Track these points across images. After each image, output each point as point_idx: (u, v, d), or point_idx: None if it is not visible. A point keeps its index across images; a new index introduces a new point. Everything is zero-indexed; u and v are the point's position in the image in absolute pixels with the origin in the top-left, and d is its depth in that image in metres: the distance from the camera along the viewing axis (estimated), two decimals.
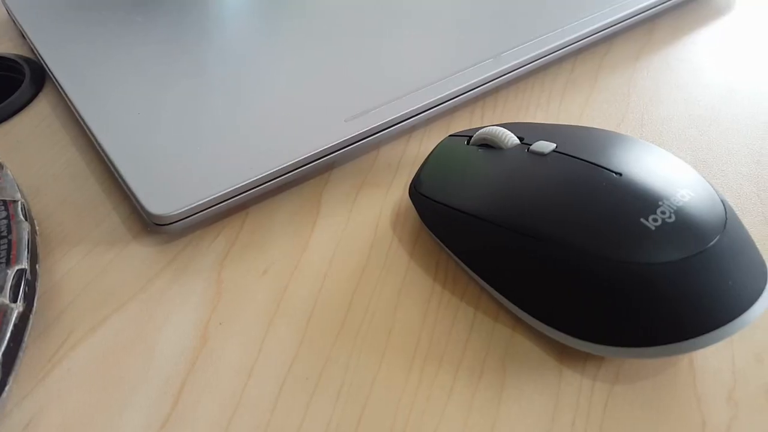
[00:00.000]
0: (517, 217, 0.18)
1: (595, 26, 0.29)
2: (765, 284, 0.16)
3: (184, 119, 0.24)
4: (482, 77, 0.26)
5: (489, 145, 0.21)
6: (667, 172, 0.18)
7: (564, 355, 0.18)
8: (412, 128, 0.26)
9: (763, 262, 0.17)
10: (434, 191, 0.21)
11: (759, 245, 0.21)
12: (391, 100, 0.25)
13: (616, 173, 0.18)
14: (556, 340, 0.18)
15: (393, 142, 0.26)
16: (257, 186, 0.22)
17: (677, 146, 0.25)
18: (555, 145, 0.19)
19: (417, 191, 0.21)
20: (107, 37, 0.29)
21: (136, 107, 0.25)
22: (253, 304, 0.19)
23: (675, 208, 0.16)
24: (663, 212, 0.16)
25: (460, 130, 0.25)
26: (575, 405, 0.17)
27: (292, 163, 0.22)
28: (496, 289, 0.19)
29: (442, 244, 0.21)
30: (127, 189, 0.22)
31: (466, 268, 0.20)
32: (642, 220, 0.16)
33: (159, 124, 0.24)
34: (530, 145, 0.20)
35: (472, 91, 0.26)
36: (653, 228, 0.16)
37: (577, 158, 0.18)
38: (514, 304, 0.18)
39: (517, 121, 0.27)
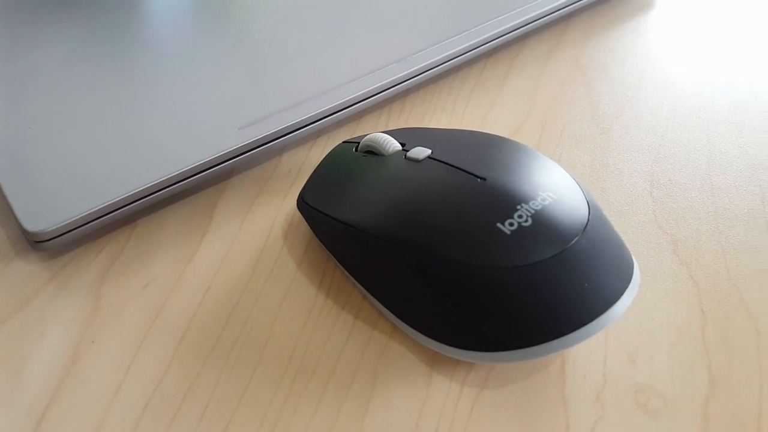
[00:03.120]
0: (388, 226, 0.18)
1: (505, 27, 0.29)
2: (627, 284, 0.16)
3: (74, 130, 0.23)
4: (386, 81, 0.26)
5: (373, 151, 0.21)
6: (533, 175, 0.18)
7: (436, 361, 0.18)
8: (318, 132, 0.26)
9: (630, 263, 0.17)
10: (318, 200, 0.20)
11: (644, 243, 0.21)
12: (291, 106, 0.24)
13: (480, 178, 0.17)
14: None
15: (297, 148, 0.25)
16: (143, 197, 0.21)
17: (575, 146, 0.25)
18: (430, 151, 0.19)
19: (303, 200, 0.21)
20: (8, 44, 0.28)
21: (28, 120, 0.24)
22: (129, 320, 0.19)
23: (533, 211, 0.16)
24: (520, 216, 0.16)
25: (359, 135, 0.24)
26: (441, 411, 0.17)
27: (179, 173, 0.22)
28: (374, 296, 0.19)
29: (329, 253, 0.20)
30: (7, 205, 0.21)
31: (349, 276, 0.20)
32: (498, 224, 0.16)
33: (49, 137, 0.23)
34: (408, 151, 0.20)
35: (376, 96, 0.26)
36: (509, 232, 0.16)
37: (447, 164, 0.18)
38: (389, 310, 0.18)
39: (420, 125, 0.26)
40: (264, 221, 0.22)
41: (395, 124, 0.27)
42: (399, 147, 0.20)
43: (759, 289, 0.20)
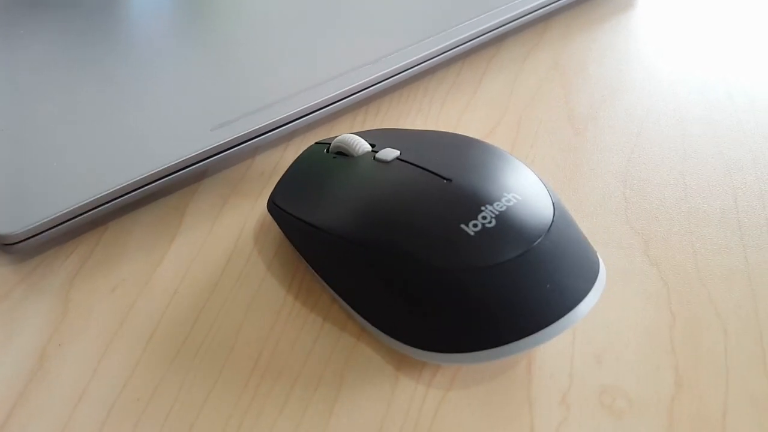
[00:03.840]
0: (355, 228, 0.18)
1: (483, 27, 0.29)
2: (592, 285, 0.16)
3: (45, 133, 0.23)
4: (361, 82, 0.26)
5: (344, 153, 0.21)
6: (500, 176, 0.18)
7: (403, 363, 0.18)
8: (293, 133, 0.26)
9: (596, 263, 0.17)
10: (288, 202, 0.20)
11: (615, 244, 0.21)
12: (264, 107, 0.24)
13: (446, 179, 0.17)
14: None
15: (271, 149, 0.25)
16: (113, 200, 0.21)
17: (550, 146, 0.25)
18: (399, 152, 0.19)
19: (273, 202, 0.21)
20: None
21: (0, 123, 0.24)
22: (97, 323, 0.19)
23: (497, 212, 0.16)
24: (484, 217, 0.16)
25: (332, 136, 0.24)
26: (405, 413, 0.17)
27: (149, 175, 0.21)
28: (342, 298, 0.19)
29: (299, 255, 0.20)
30: None
31: (319, 278, 0.19)
32: (462, 226, 0.16)
33: (20, 139, 0.23)
34: (377, 152, 0.20)
35: (352, 97, 0.26)
36: (472, 234, 0.16)
37: (415, 165, 0.18)
38: (357, 312, 0.18)
39: (396, 126, 0.26)
40: (235, 223, 0.22)
41: (371, 125, 0.27)
42: (369, 148, 0.20)
43: (728, 289, 0.20)
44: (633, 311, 0.19)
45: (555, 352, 0.18)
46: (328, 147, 0.22)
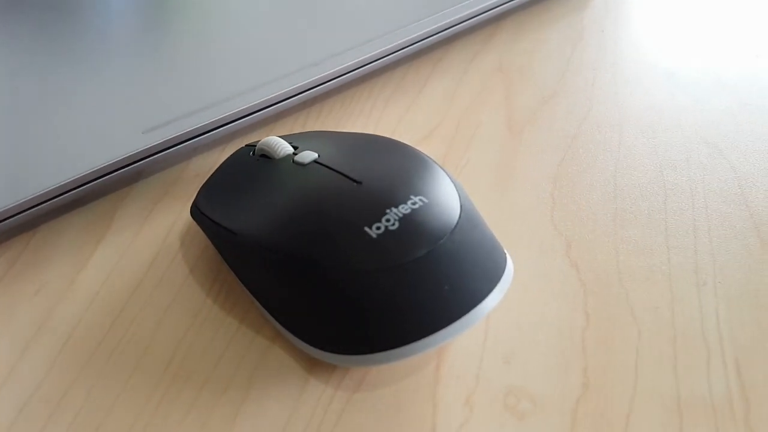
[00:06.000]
0: (267, 232, 0.18)
1: (428, 30, 0.29)
2: (494, 287, 0.17)
3: None
4: (301, 84, 0.26)
5: (267, 155, 0.21)
6: (411, 179, 0.18)
7: (315, 366, 0.18)
8: (232, 135, 0.26)
9: (502, 265, 0.17)
10: (209, 206, 0.20)
11: (537, 245, 0.21)
12: (200, 109, 0.24)
13: (357, 182, 0.18)
14: None
15: (208, 151, 0.25)
16: (41, 203, 0.21)
17: (485, 149, 0.25)
18: (317, 155, 0.19)
19: (196, 207, 0.21)
20: None
21: None
22: (16, 326, 0.19)
23: (401, 215, 0.17)
24: (388, 220, 0.16)
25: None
26: (310, 416, 0.17)
27: (76, 179, 0.21)
28: (258, 302, 0.19)
29: (222, 259, 0.20)
30: None
31: (239, 281, 0.20)
32: (366, 228, 0.16)
33: None
34: (296, 155, 0.20)
35: (291, 99, 0.26)
36: (375, 236, 0.16)
37: (329, 168, 0.18)
38: (271, 315, 0.18)
39: (336, 129, 0.27)
40: (162, 226, 0.22)
41: (312, 127, 0.27)
42: (290, 151, 0.20)
43: (647, 290, 0.20)
44: (547, 313, 0.19)
45: (465, 353, 0.18)
46: (255, 150, 0.22)
